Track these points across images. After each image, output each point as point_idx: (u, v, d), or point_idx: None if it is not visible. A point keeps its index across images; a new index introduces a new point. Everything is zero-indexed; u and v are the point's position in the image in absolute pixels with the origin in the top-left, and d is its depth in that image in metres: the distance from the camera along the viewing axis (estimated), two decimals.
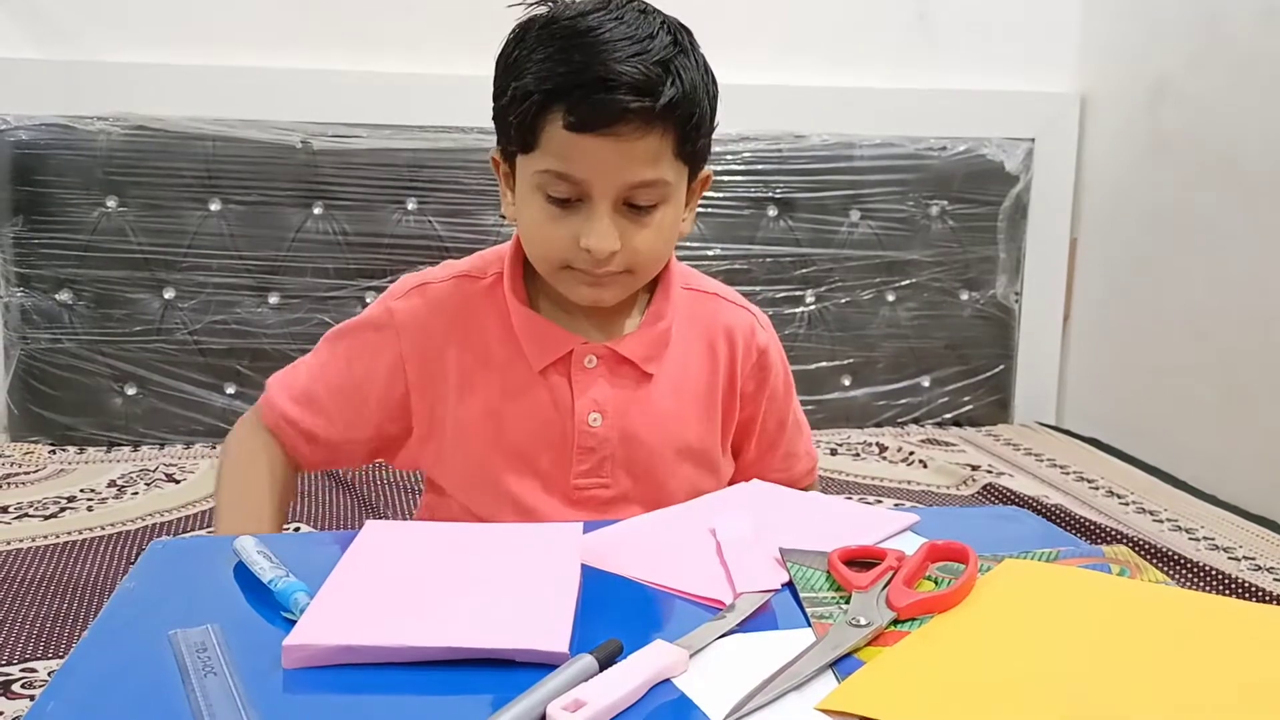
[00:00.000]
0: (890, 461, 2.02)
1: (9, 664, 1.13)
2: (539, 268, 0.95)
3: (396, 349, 0.97)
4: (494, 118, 0.93)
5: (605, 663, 0.56)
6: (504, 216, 1.02)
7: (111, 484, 1.77)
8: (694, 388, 1.00)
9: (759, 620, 0.65)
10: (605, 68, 0.83)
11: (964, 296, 2.31)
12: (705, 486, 1.00)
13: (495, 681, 0.56)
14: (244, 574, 0.70)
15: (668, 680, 0.56)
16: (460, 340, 0.97)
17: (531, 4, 0.90)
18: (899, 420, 2.29)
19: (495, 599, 0.64)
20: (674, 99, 0.85)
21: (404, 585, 0.66)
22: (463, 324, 0.97)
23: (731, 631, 0.62)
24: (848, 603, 0.65)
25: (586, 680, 0.54)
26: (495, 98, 0.92)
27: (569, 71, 0.84)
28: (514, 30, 0.90)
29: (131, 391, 2.01)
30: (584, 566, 0.70)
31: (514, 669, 0.57)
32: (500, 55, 0.91)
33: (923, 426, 2.29)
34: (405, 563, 0.70)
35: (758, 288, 2.18)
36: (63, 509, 1.65)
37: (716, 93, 0.92)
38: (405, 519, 1.59)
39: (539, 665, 0.56)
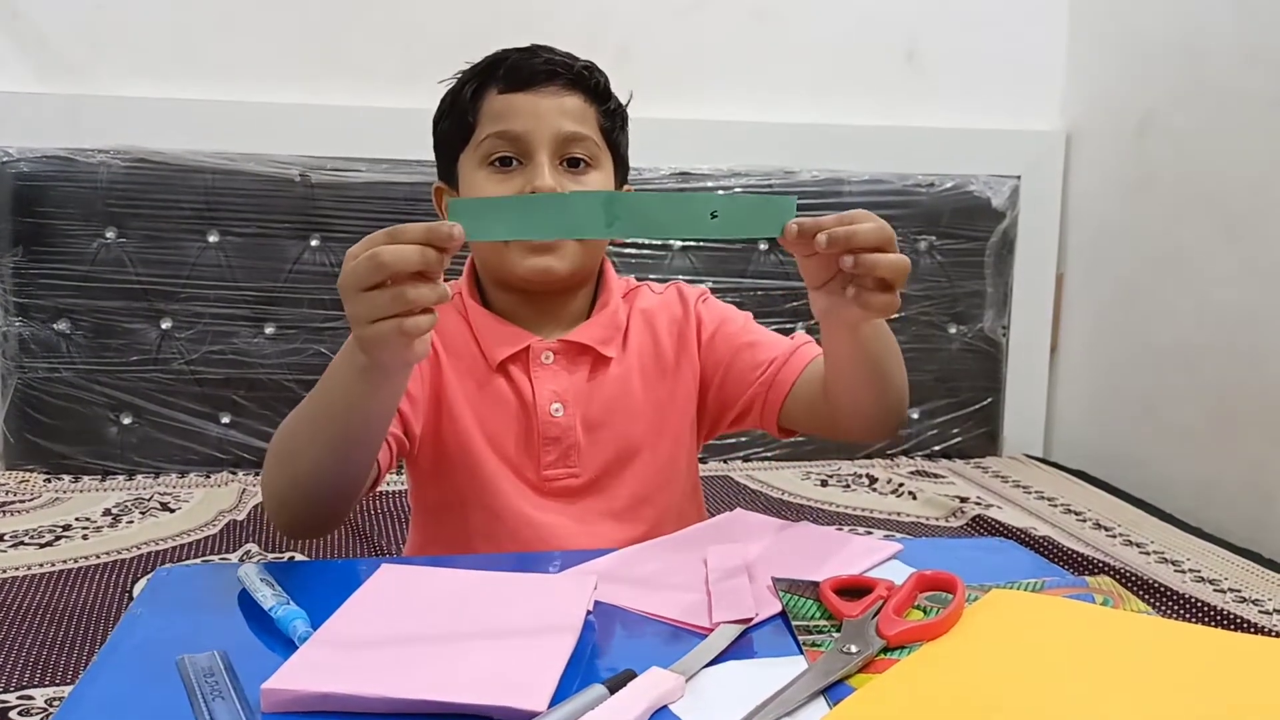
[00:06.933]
0: (880, 493, 2.04)
1: (7, 691, 1.14)
2: (488, 248, 1.01)
3: None
4: (435, 145, 1.05)
5: (617, 692, 0.57)
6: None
7: (107, 513, 1.78)
8: (649, 365, 1.04)
9: (752, 647, 0.66)
10: (527, 49, 1.00)
11: (952, 330, 2.33)
12: (678, 464, 1.05)
13: None
14: (249, 600, 0.71)
15: (665, 707, 0.58)
16: (438, 338, 1.03)
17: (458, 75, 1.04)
18: (889, 452, 2.31)
19: (487, 652, 0.62)
20: (589, 66, 1.01)
21: (400, 633, 0.65)
22: (437, 327, 1.03)
23: (723, 658, 0.64)
24: (839, 631, 0.67)
25: (593, 709, 0.55)
26: (436, 125, 1.05)
27: (496, 57, 1.00)
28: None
29: (127, 420, 2.02)
30: None
31: None
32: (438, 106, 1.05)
33: (912, 458, 2.31)
34: (408, 609, 0.69)
35: None
36: (58, 537, 1.65)
37: (625, 111, 1.05)
38: (398, 548, 1.60)
39: None
